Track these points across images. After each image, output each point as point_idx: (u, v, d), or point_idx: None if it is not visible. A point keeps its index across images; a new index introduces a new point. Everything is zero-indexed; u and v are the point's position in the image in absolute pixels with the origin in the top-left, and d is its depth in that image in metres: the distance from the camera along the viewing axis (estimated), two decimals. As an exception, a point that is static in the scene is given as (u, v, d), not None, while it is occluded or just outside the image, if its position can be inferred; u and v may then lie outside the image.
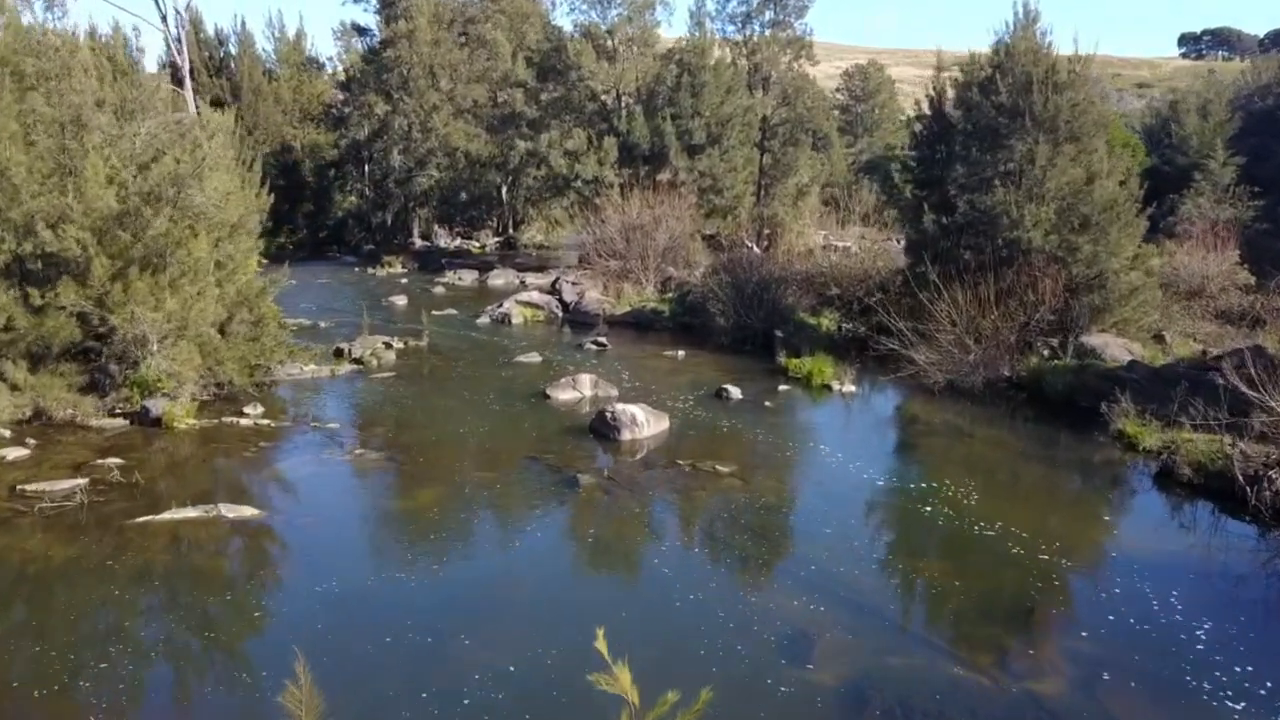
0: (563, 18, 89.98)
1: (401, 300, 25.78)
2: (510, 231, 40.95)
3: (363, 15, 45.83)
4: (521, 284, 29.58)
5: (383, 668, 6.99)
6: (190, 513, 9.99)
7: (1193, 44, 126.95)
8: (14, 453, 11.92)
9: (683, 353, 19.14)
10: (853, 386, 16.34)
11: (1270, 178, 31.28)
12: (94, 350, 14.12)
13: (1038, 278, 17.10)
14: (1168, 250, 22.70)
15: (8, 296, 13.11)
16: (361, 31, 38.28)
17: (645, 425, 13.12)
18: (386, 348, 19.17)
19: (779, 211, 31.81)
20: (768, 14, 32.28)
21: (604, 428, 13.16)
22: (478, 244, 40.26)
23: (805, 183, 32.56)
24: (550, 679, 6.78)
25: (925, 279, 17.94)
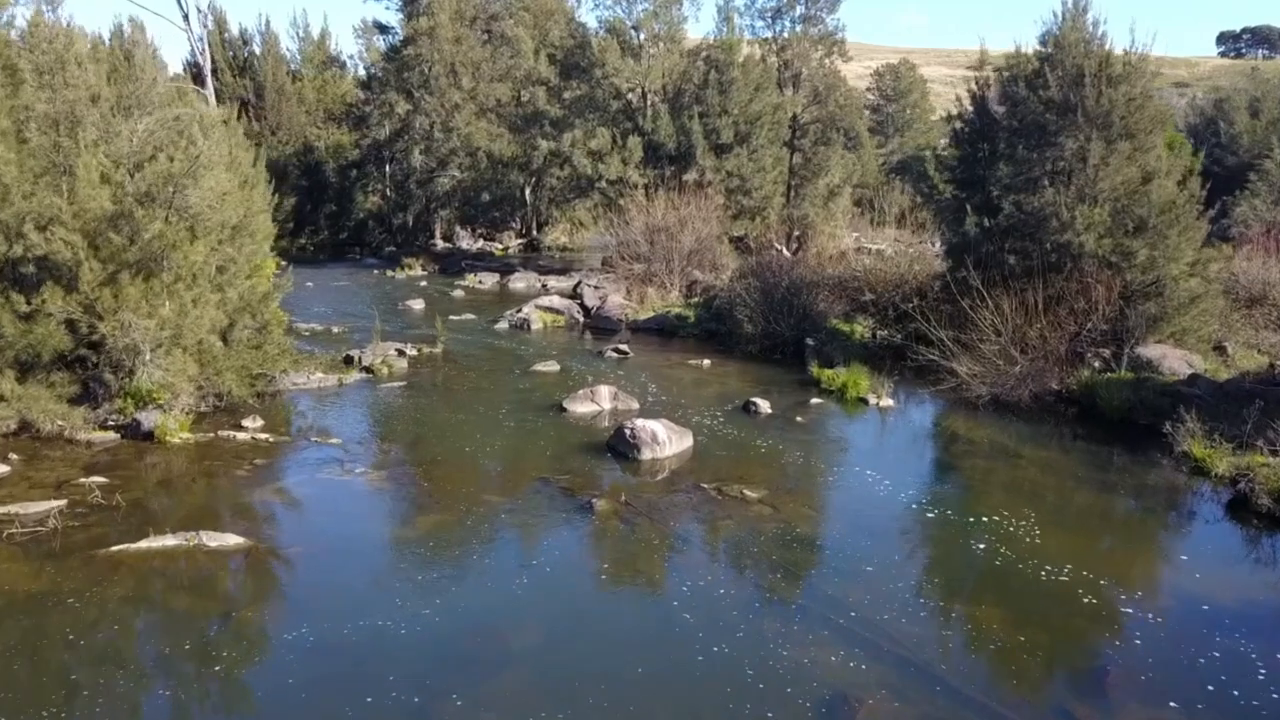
0: (587, 14, 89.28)
1: (419, 304, 25.00)
2: (533, 233, 40.14)
3: (384, 13, 45.22)
4: (543, 287, 28.73)
5: (360, 736, 6.09)
6: (169, 541, 9.16)
7: (1232, 42, 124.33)
8: (-7, 470, 11.19)
9: (708, 361, 18.18)
10: (890, 400, 15.29)
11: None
12: (87, 359, 13.39)
13: (1089, 284, 15.99)
14: (1224, 255, 21.43)
15: (-7, 302, 12.40)
16: (383, 29, 37.66)
17: (666, 443, 12.17)
18: (399, 355, 18.34)
19: (809, 213, 30.74)
20: (798, 9, 31.23)
21: (622, 446, 12.22)
22: (500, 246, 39.49)
23: (837, 183, 31.44)
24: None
25: (967, 285, 16.87)
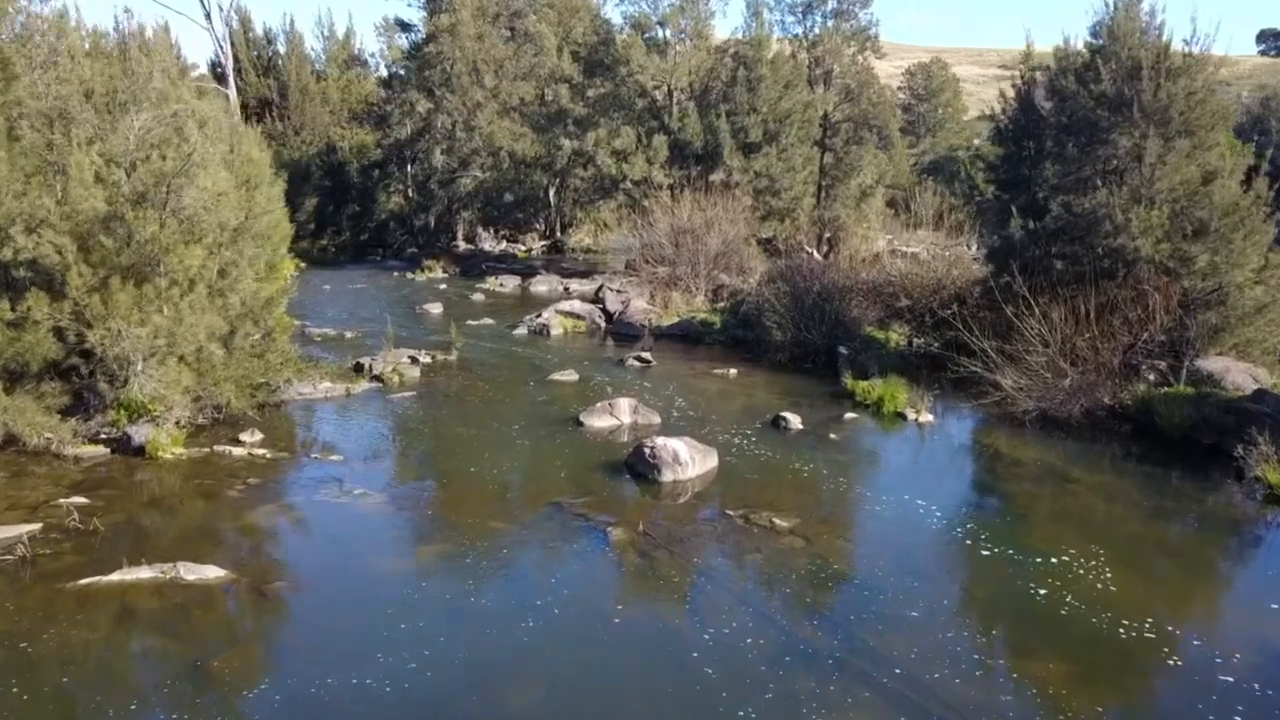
0: (612, 9, 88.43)
1: (436, 308, 24.24)
2: (557, 235, 39.34)
3: (407, 10, 44.58)
4: (565, 291, 27.90)
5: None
6: (143, 573, 8.39)
7: (1273, 40, 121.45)
8: (-31, 489, 10.49)
9: (734, 371, 17.25)
10: (930, 416, 14.29)
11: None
12: (80, 367, 12.69)
13: (1145, 292, 14.90)
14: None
15: (-22, 309, 11.72)
16: (405, 27, 37.02)
17: (689, 464, 11.26)
18: (412, 362, 17.57)
19: (841, 214, 29.71)
20: (830, 3, 30.21)
21: (642, 466, 11.33)
22: (523, 247, 38.71)
23: (869, 184, 30.38)
24: None
25: (1011, 291, 15.85)
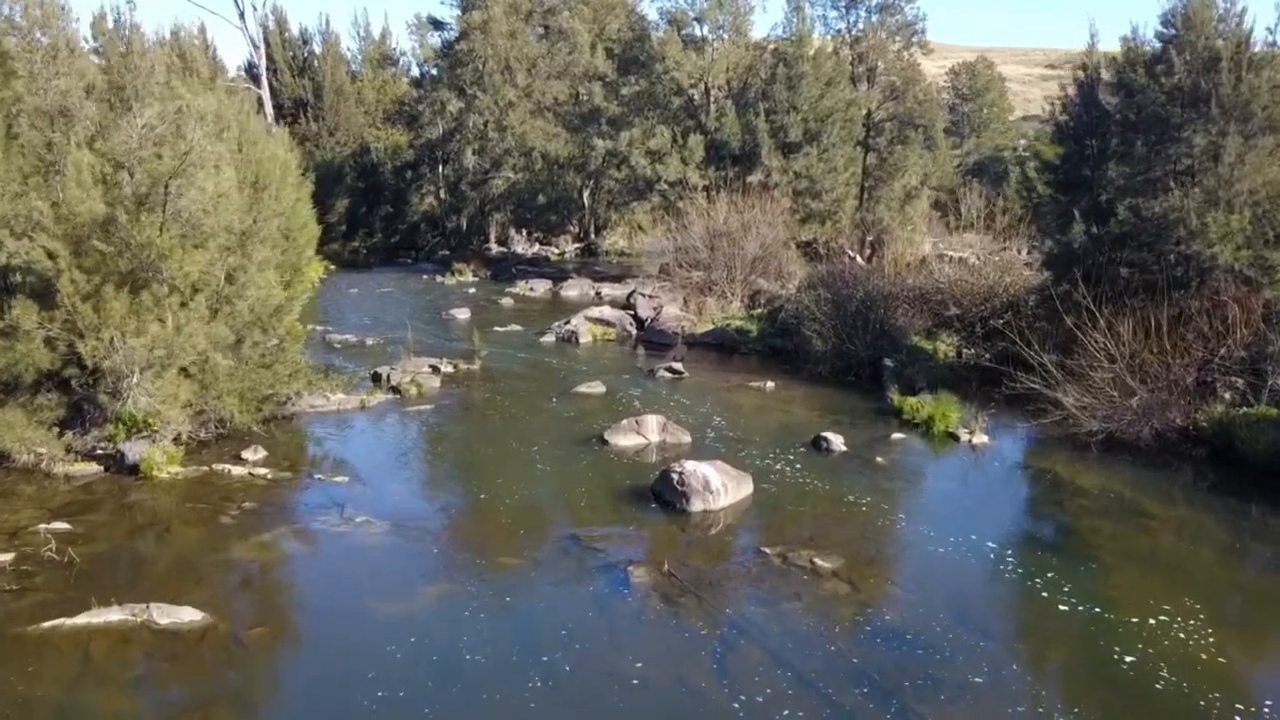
0: (648, 5, 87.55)
1: (463, 314, 23.43)
2: (591, 237, 38.45)
3: (440, 8, 43.91)
4: (597, 295, 27.00)
5: None
6: (113, 615, 7.57)
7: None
8: (-54, 512, 9.78)
9: (772, 384, 16.20)
10: (985, 437, 13.16)
11: None
12: (78, 378, 11.97)
13: (1223, 303, 13.66)
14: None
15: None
16: (437, 25, 36.31)
17: (721, 492, 10.26)
18: (433, 372, 16.74)
19: (884, 217, 28.48)
20: (874, -3, 29.00)
21: (669, 493, 10.36)
22: (556, 250, 37.87)
23: (914, 185, 29.12)
24: None
25: (1071, 301, 14.68)
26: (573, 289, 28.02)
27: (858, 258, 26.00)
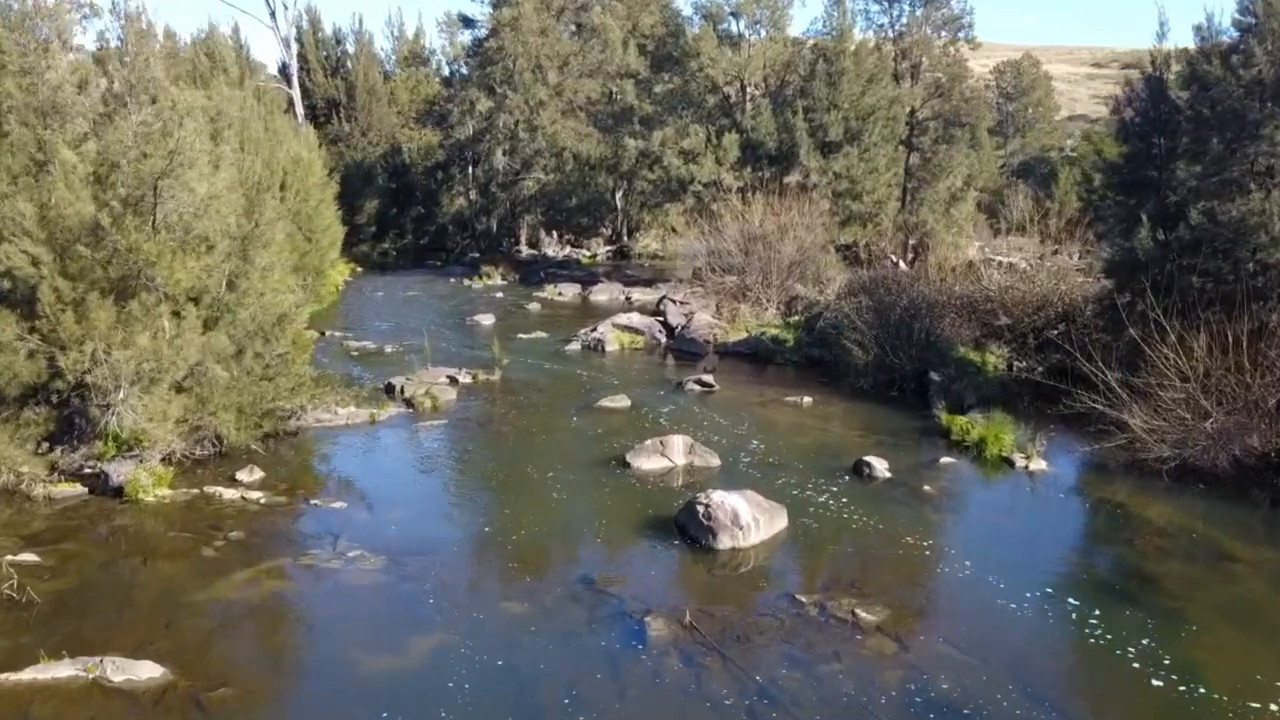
0: (683, 0, 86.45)
1: (488, 319, 22.59)
2: (623, 239, 37.55)
3: (471, 6, 43.23)
4: (627, 301, 26.08)
5: None
6: (63, 670, 6.74)
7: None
8: (-91, 540, 9.04)
9: (809, 399, 15.13)
10: (1043, 462, 12.01)
11: None
12: (61, 394, 11.24)
13: (1309, 317, 12.40)
14: None
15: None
16: (469, 23, 35.58)
17: (752, 528, 9.25)
18: (450, 383, 15.90)
19: (928, 219, 27.24)
20: (920, -11, 27.73)
21: (694, 528, 9.37)
22: (588, 253, 37.01)
23: (959, 186, 27.83)
24: None
25: (1136, 312, 13.49)
26: (602, 293, 27.11)
27: (901, 263, 24.80)
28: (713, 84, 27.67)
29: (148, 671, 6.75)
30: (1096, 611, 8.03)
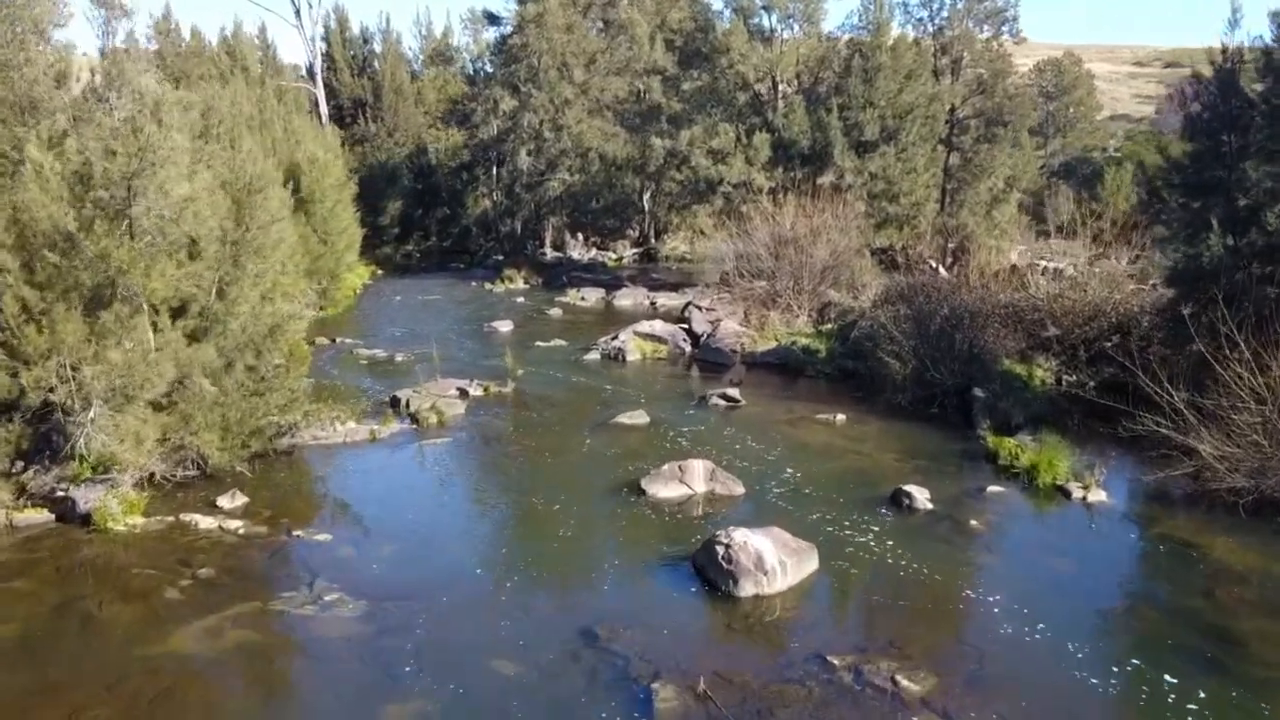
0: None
1: (506, 326, 21.67)
2: (650, 241, 36.52)
3: (496, 1, 42.34)
4: (652, 306, 25.03)
5: None
6: (-22, 746, 5.87)
7: None
8: None
9: (843, 417, 14.04)
10: (1102, 493, 10.85)
11: None
12: (25, 414, 10.42)
13: (1405, 333, 11.12)
14: None
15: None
16: (494, 20, 34.69)
17: (778, 572, 8.21)
18: (460, 396, 14.98)
19: (968, 222, 25.97)
20: (960, -19, 26.47)
21: (713, 570, 8.34)
22: (614, 255, 36.00)
23: (1002, 187, 26.53)
24: None
25: (1202, 324, 12.30)
26: (626, 298, 26.09)
27: (940, 268, 23.57)
28: (743, 81, 26.57)
29: (70, 750, 5.86)
30: (1180, 684, 6.89)
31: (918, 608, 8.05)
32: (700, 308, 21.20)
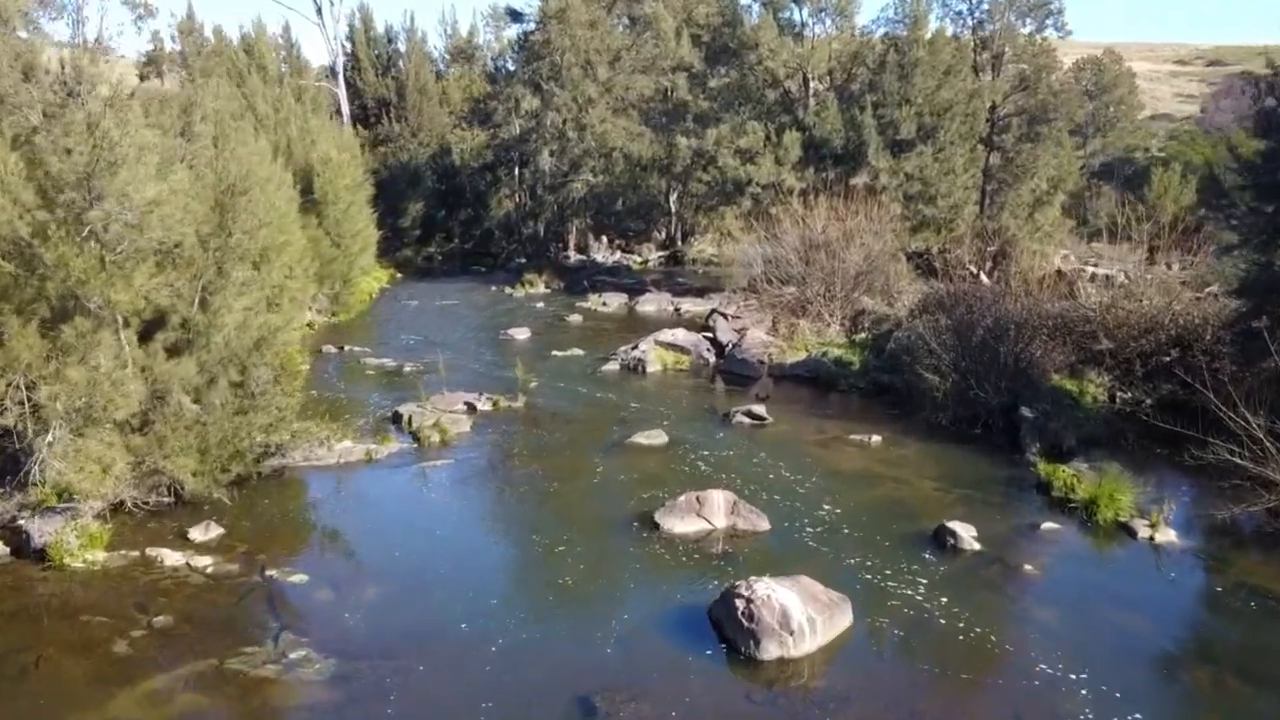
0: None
1: (523, 333, 20.73)
2: (677, 244, 35.48)
3: (522, -1, 41.33)
4: (676, 312, 24.03)
5: None
6: None
7: None
8: None
9: (878, 438, 12.94)
10: (1171, 532, 9.68)
11: None
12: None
13: None
14: None
15: None
16: (516, 17, 33.83)
17: (805, 631, 7.16)
18: (468, 411, 14.07)
19: (1009, 225, 24.69)
20: (1002, -28, 25.19)
21: (732, 627, 7.31)
22: (639, 258, 35.00)
23: (1045, 189, 25.23)
24: None
25: (1277, 339, 11.11)
26: (650, 304, 25.08)
27: (982, 275, 22.33)
28: (772, 78, 25.48)
29: None
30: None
31: (966, 675, 6.95)
32: (725, 315, 20.14)
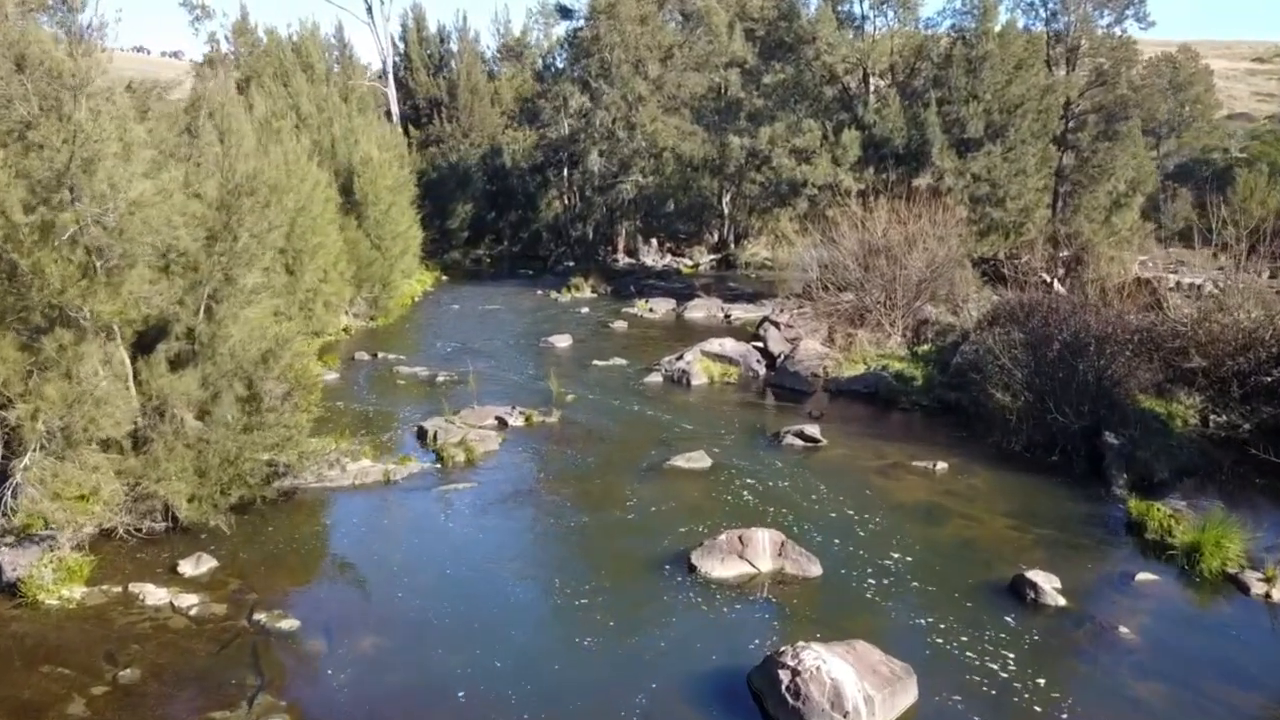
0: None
1: (564, 341, 19.80)
2: (729, 247, 34.32)
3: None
4: (725, 319, 22.94)
5: None
6: None
7: None
8: None
9: (944, 465, 11.71)
10: (1290, 586, 8.37)
11: None
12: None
13: None
14: None
15: None
16: (566, 14, 32.97)
17: (862, 712, 6.04)
18: (498, 426, 13.18)
19: (1084, 229, 23.12)
20: (1078, -40, 23.64)
21: (774, 703, 6.22)
22: (689, 262, 33.91)
23: (1123, 191, 23.60)
24: None
25: None
26: (699, 310, 23.99)
27: (1055, 282, 20.85)
28: (830, 73, 24.22)
29: None
30: None
31: (1058, 774, 5.79)
32: (778, 324, 18.96)
